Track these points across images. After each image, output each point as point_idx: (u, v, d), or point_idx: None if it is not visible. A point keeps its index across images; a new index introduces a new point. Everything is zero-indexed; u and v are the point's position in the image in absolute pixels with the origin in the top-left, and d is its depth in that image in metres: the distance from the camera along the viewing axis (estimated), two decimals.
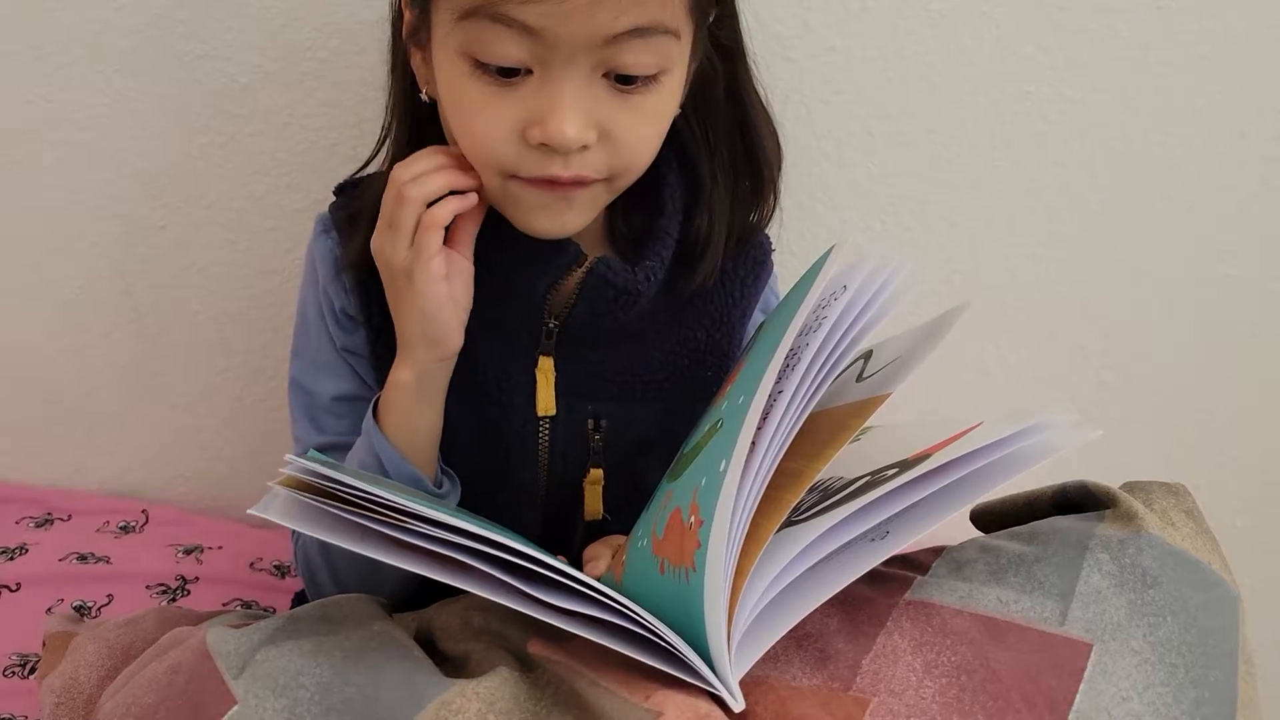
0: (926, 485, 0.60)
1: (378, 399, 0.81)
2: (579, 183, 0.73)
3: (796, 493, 0.58)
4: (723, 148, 0.84)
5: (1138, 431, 1.28)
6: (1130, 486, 0.70)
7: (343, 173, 0.92)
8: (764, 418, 0.59)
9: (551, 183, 0.72)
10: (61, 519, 1.22)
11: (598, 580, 0.73)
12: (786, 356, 0.61)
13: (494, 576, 0.58)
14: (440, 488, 0.81)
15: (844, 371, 0.70)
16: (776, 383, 0.60)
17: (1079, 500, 0.71)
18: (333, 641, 0.59)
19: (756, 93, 0.85)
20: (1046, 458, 0.62)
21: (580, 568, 0.80)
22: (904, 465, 0.60)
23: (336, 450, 0.84)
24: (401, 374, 0.78)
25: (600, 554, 0.79)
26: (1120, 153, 1.15)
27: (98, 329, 1.22)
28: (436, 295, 0.75)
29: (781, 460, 0.59)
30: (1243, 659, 0.62)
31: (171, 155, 1.14)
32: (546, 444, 0.86)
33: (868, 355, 0.74)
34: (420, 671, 0.57)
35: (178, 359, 1.23)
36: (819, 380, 0.61)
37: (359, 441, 0.81)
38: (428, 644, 0.65)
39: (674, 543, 0.61)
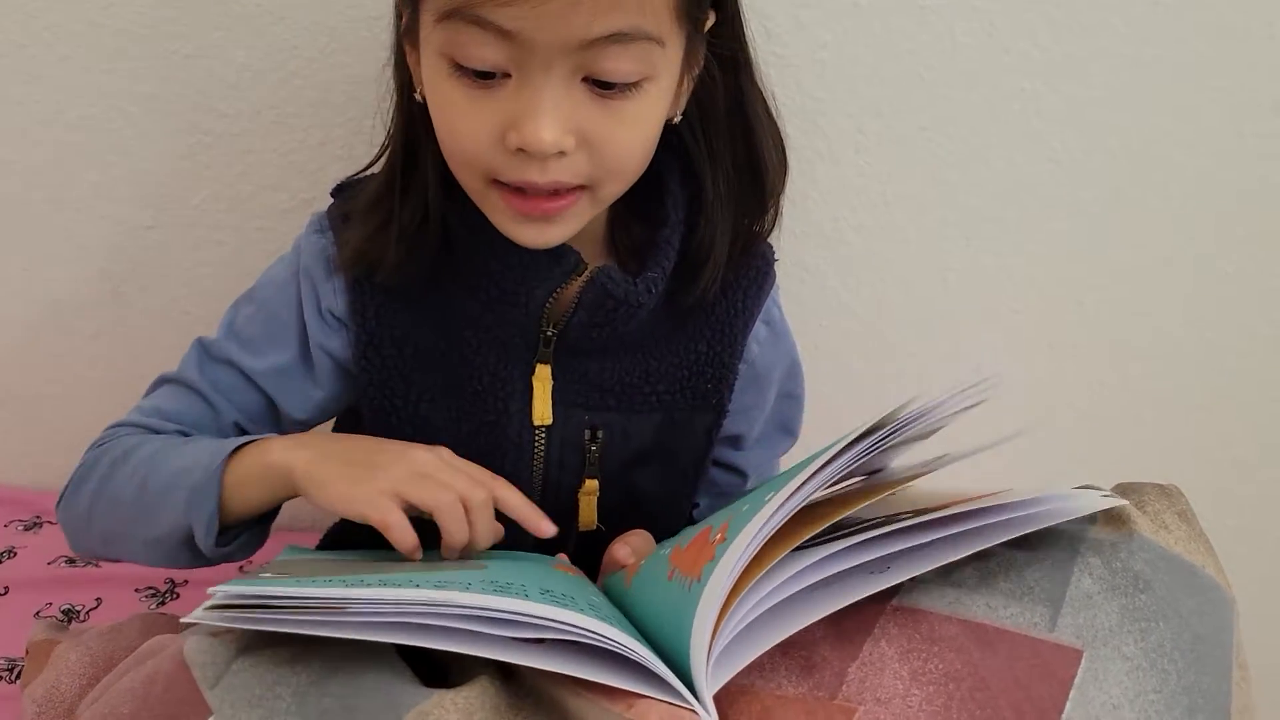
0: (933, 531, 0.59)
1: (243, 444, 0.77)
2: (556, 194, 0.73)
3: (814, 528, 0.57)
4: (726, 159, 0.83)
5: (1132, 431, 1.27)
6: (1123, 488, 0.69)
7: (331, 172, 0.92)
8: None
9: (530, 198, 0.72)
10: (50, 522, 1.22)
11: (607, 576, 0.75)
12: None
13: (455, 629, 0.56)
14: (223, 544, 0.78)
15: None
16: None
17: None
18: (309, 650, 0.58)
19: (763, 104, 0.84)
20: (1059, 520, 0.63)
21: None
22: (919, 512, 0.60)
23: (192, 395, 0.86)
24: (274, 456, 0.75)
25: (631, 544, 0.79)
26: (1116, 150, 1.14)
27: (86, 330, 1.22)
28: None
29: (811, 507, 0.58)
30: (1237, 664, 0.61)
31: (159, 155, 1.14)
32: (542, 453, 0.86)
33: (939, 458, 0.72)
34: (399, 680, 0.56)
35: (166, 361, 1.20)
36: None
37: (200, 451, 0.78)
38: (408, 651, 0.64)
39: (692, 554, 0.61)
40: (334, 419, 0.93)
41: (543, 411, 0.84)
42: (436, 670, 0.60)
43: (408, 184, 0.80)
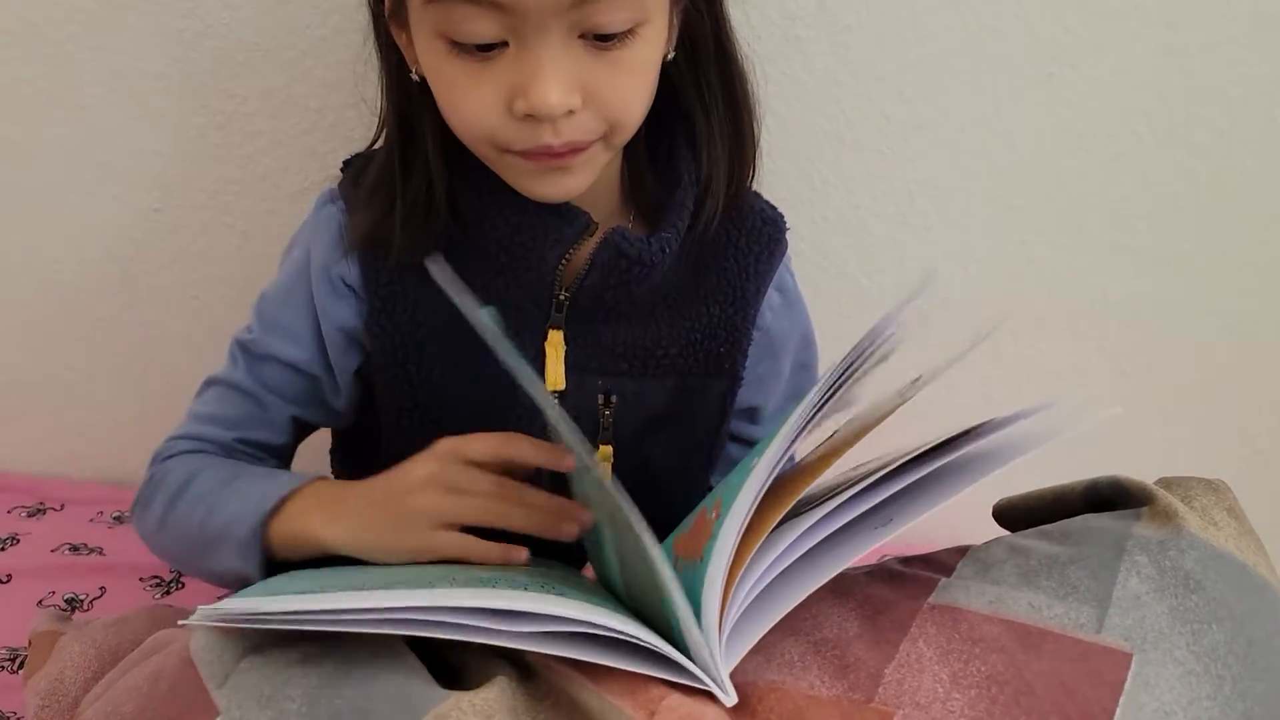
0: (925, 464, 0.58)
1: (283, 498, 0.77)
2: (574, 149, 0.72)
3: (807, 483, 0.55)
4: (715, 93, 0.83)
5: (1156, 425, 1.25)
6: (1166, 482, 0.66)
7: (343, 154, 0.90)
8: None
9: (548, 154, 0.72)
10: (54, 508, 1.20)
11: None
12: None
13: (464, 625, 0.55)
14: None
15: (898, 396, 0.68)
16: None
17: (1111, 497, 0.68)
18: (323, 649, 0.56)
19: (734, 33, 0.84)
20: (1051, 440, 0.60)
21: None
22: (909, 453, 0.58)
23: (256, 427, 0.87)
24: (314, 533, 0.75)
25: None
26: (1144, 136, 1.11)
27: (93, 314, 1.20)
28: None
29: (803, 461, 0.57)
30: None
31: (168, 136, 1.12)
32: None
33: (914, 380, 0.70)
34: (414, 682, 0.53)
35: (174, 345, 1.20)
36: (843, 382, 0.58)
37: (245, 502, 0.78)
38: (423, 649, 0.62)
39: (693, 538, 0.60)
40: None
41: (556, 377, 0.84)
42: (452, 669, 0.58)
43: (408, 163, 0.80)
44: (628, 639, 0.55)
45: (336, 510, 0.76)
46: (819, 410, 0.57)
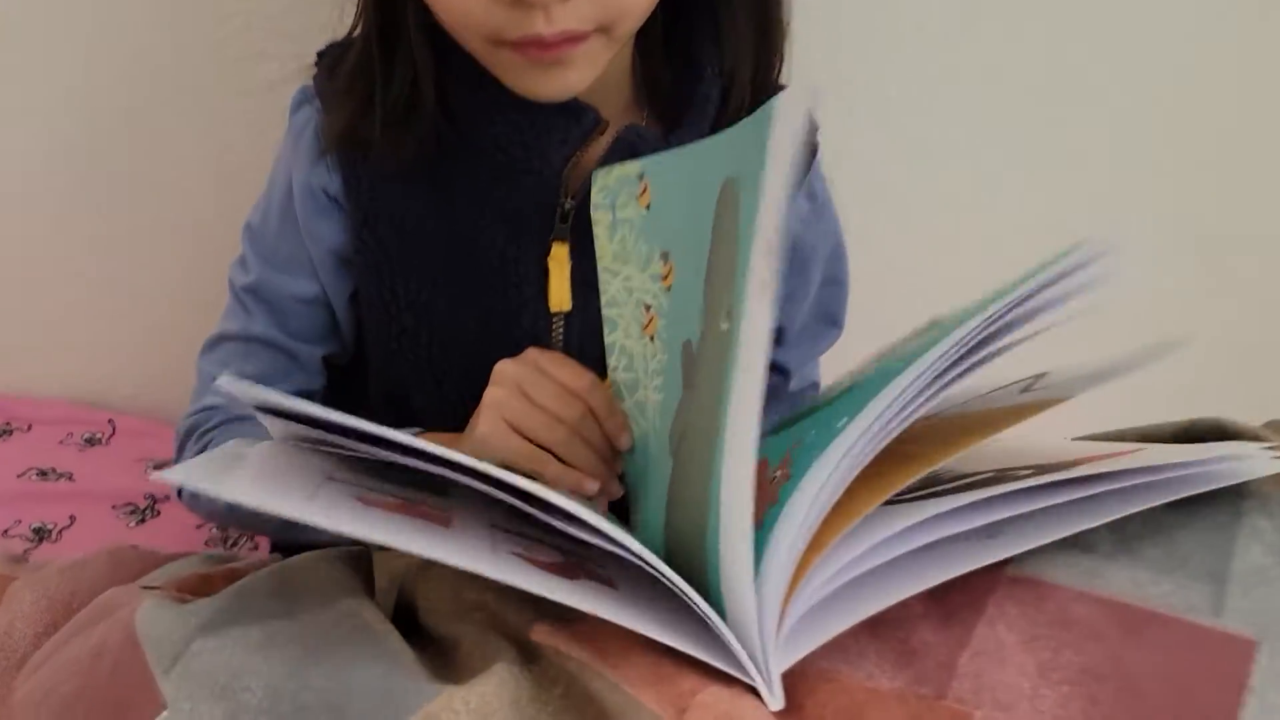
0: (1061, 494, 0.49)
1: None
2: (570, 40, 0.66)
3: (910, 474, 0.46)
4: None
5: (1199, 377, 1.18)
6: (1277, 426, 0.57)
7: (322, 40, 0.81)
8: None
9: (540, 46, 0.66)
10: (21, 429, 1.15)
11: None
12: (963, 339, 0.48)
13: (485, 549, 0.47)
14: None
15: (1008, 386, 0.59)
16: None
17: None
18: (288, 629, 0.47)
19: None
20: (1212, 486, 0.51)
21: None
22: (1041, 469, 0.49)
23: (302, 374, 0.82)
24: None
25: None
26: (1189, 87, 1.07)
27: (52, 216, 1.12)
28: None
29: (900, 445, 0.47)
30: None
31: (133, 19, 1.03)
32: (560, 343, 0.81)
33: (1040, 375, 0.61)
34: (398, 672, 0.45)
35: (142, 252, 1.13)
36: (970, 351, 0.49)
37: None
38: (410, 616, 0.54)
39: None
40: None
41: (560, 296, 0.79)
42: (444, 643, 0.50)
43: (389, 50, 0.74)
44: (666, 585, 0.46)
45: (442, 439, 0.69)
46: (941, 378, 0.47)
